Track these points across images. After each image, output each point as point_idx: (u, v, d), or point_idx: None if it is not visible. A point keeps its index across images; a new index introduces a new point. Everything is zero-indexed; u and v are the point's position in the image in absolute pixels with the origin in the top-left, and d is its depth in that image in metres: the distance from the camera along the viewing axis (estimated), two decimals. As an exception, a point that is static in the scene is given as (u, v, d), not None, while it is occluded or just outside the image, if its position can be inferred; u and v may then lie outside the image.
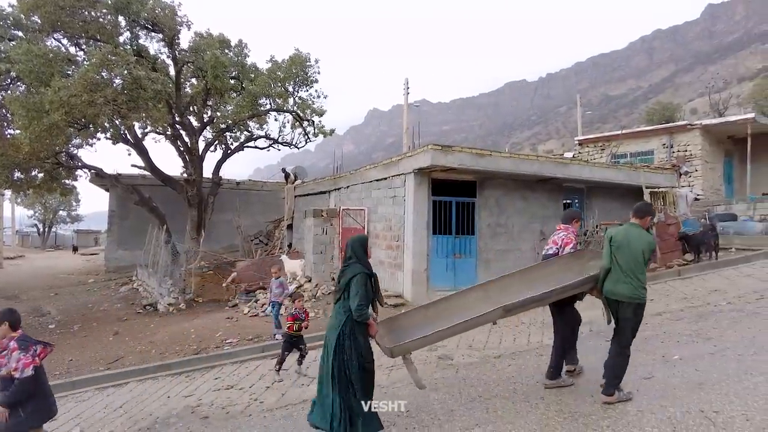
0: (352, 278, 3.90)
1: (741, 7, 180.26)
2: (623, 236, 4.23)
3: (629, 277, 4.12)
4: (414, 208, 10.74)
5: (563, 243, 5.00)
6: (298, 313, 7.15)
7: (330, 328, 3.98)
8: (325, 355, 3.94)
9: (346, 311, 3.89)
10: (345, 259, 4.11)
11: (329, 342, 3.91)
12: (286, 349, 7.10)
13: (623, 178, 12.70)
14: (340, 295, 3.97)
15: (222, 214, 24.02)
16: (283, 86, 23.99)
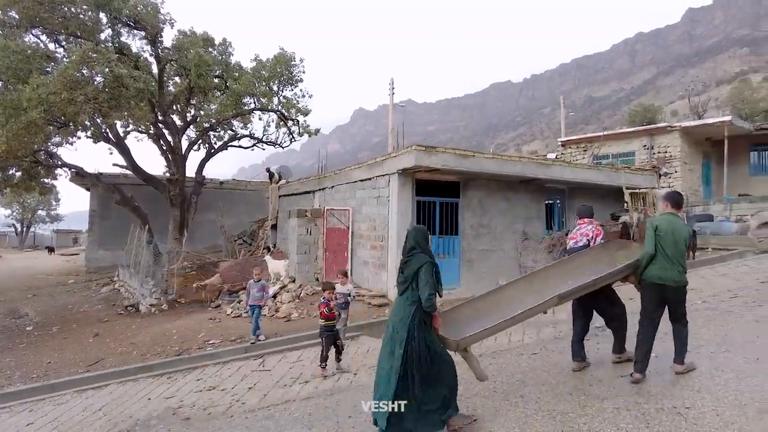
0: (419, 268, 3.84)
1: (720, 12, 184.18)
2: (668, 225, 4.48)
3: (674, 264, 4.43)
4: (398, 209, 10.79)
5: (594, 234, 5.26)
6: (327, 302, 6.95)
7: (396, 321, 3.86)
8: (390, 349, 3.82)
9: (414, 302, 3.82)
10: (407, 250, 4.02)
11: (397, 335, 3.79)
12: (328, 343, 6.82)
13: (604, 178, 12.92)
14: (407, 286, 3.87)
15: (205, 213, 23.81)
16: (268, 85, 23.90)
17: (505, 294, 4.87)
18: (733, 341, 5.37)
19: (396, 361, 3.70)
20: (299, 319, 10.57)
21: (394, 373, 3.67)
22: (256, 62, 22.76)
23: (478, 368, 4.21)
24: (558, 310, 8.40)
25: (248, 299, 9.36)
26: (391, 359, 3.75)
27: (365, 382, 6.02)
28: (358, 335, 8.51)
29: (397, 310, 3.90)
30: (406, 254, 4.01)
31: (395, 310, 3.96)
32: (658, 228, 4.49)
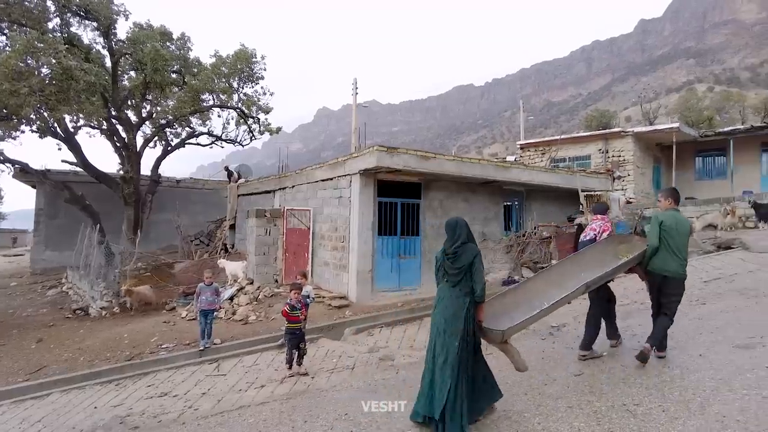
0: (474, 259, 3.89)
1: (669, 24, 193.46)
2: (672, 220, 4.80)
3: (677, 256, 4.74)
4: (359, 209, 10.72)
5: (601, 230, 5.61)
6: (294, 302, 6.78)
7: (449, 314, 3.86)
8: (440, 341, 3.84)
9: (467, 293, 3.85)
10: (454, 241, 4.02)
11: (449, 326, 3.81)
12: (292, 346, 6.67)
13: (560, 181, 13.26)
14: (460, 277, 3.87)
15: (161, 213, 23.04)
16: (228, 82, 23.41)
17: (529, 288, 5.06)
18: (678, 339, 5.57)
19: (452, 352, 3.76)
20: (257, 321, 10.32)
21: (450, 365, 3.74)
22: (216, 58, 22.24)
23: (518, 359, 4.29)
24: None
25: (198, 304, 8.71)
26: (446, 351, 3.79)
27: (323, 386, 5.92)
28: (317, 337, 8.37)
29: (449, 302, 3.91)
30: (452, 246, 4.00)
31: (445, 302, 3.94)
32: (663, 223, 4.79)
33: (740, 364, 4.66)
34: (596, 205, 6.06)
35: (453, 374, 3.70)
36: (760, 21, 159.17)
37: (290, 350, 6.68)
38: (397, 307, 10.18)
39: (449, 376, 3.70)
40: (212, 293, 8.72)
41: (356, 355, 7.09)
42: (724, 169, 21.64)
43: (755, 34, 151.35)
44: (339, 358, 7.14)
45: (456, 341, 3.75)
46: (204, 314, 8.60)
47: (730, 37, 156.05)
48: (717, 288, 7.90)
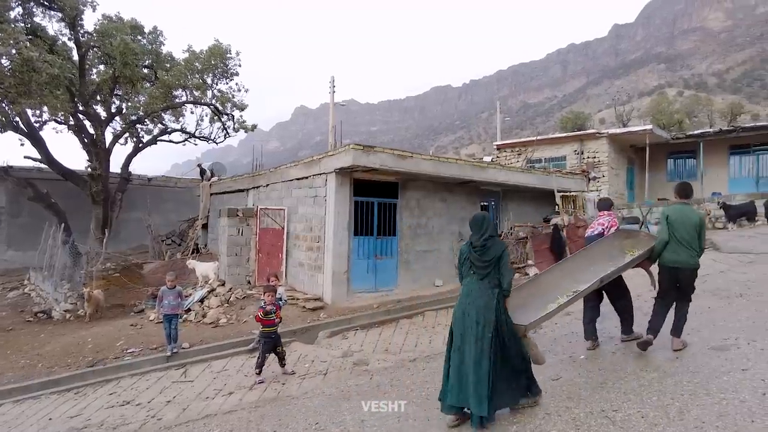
0: (502, 253, 3.99)
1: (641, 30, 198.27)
2: (678, 214, 4.98)
3: (685, 247, 4.90)
4: (335, 209, 10.49)
5: (609, 225, 5.73)
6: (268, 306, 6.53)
7: (480, 305, 3.90)
8: (476, 333, 3.86)
9: (495, 286, 3.94)
10: (481, 234, 4.06)
11: (482, 318, 3.86)
12: (266, 351, 6.49)
13: (536, 182, 13.27)
14: (488, 270, 3.95)
15: (132, 212, 22.37)
16: (202, 78, 22.87)
17: (542, 281, 5.10)
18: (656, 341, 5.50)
19: (486, 344, 3.81)
20: (228, 324, 9.99)
21: (485, 356, 3.79)
22: (189, 53, 21.68)
23: (537, 352, 4.33)
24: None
25: (159, 308, 8.37)
26: (480, 343, 3.83)
27: (294, 393, 5.69)
28: (289, 341, 8.10)
29: (478, 295, 3.95)
30: (480, 239, 4.05)
31: (474, 294, 3.98)
32: (669, 217, 4.99)
33: (716, 367, 4.61)
34: (601, 201, 6.20)
35: (488, 365, 3.77)
36: (726, 29, 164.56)
37: (263, 354, 6.44)
38: (374, 308, 9.98)
39: (486, 366, 3.77)
40: (175, 297, 8.32)
41: (329, 360, 6.88)
42: (694, 171, 22.11)
43: (721, 41, 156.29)
44: (312, 363, 6.91)
45: (490, 332, 3.83)
46: (168, 319, 8.22)
47: (698, 43, 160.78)
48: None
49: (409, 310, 9.48)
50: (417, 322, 8.46)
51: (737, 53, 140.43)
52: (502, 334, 3.90)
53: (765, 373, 4.31)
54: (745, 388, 4.07)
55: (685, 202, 5.18)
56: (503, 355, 3.89)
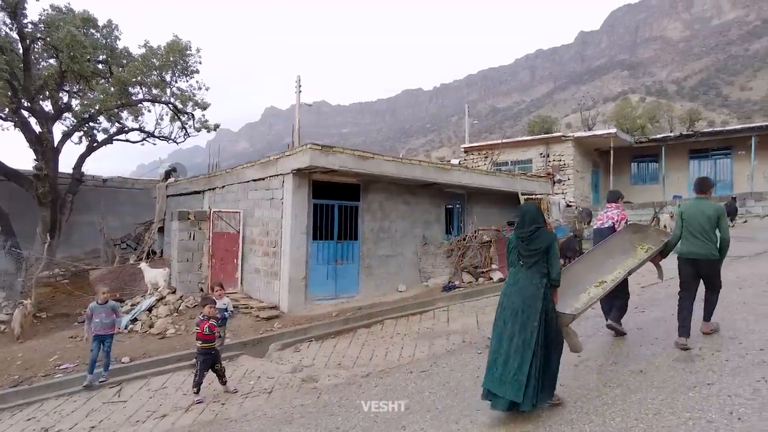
0: (550, 243, 4.00)
1: (606, 37, 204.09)
2: (693, 209, 5.16)
3: (701, 240, 5.05)
4: (292, 212, 9.96)
5: (620, 218, 5.76)
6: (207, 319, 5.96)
7: (527, 295, 3.92)
8: (517, 321, 3.89)
9: (543, 276, 3.95)
10: (527, 224, 4.09)
11: (528, 307, 3.88)
12: (204, 368, 5.88)
13: (501, 184, 13.04)
14: (536, 260, 3.96)
15: (85, 214, 21.19)
16: (160, 75, 21.96)
17: (570, 274, 5.00)
18: (619, 353, 5.24)
19: (529, 334, 3.82)
20: (176, 335, 9.32)
21: (528, 346, 3.80)
22: (147, 49, 20.74)
23: (576, 341, 4.34)
24: (452, 319, 8.11)
25: (89, 327, 7.02)
26: (523, 332, 3.84)
27: (233, 415, 5.17)
28: (237, 354, 7.54)
29: (525, 284, 3.98)
30: (526, 229, 4.07)
31: (520, 283, 4.01)
32: (683, 213, 5.21)
33: (681, 381, 4.33)
34: (610, 192, 6.25)
35: (532, 355, 3.78)
36: (684, 39, 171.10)
37: (201, 373, 5.88)
38: (332, 317, 9.49)
39: (529, 356, 3.78)
40: (108, 314, 7.08)
41: (277, 376, 6.36)
42: (656, 174, 22.49)
43: (680, 50, 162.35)
44: (257, 379, 6.38)
45: (535, 321, 3.83)
46: (99, 340, 6.92)
47: (659, 52, 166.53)
48: (655, 294, 7.77)
49: (369, 318, 9.03)
50: (375, 331, 8.02)
51: (694, 62, 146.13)
52: (547, 324, 3.91)
53: (731, 388, 4.05)
54: (711, 405, 3.79)
55: (702, 196, 5.30)
56: (545, 345, 3.89)
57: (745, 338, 5.22)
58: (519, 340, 3.84)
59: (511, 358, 3.84)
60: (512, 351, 3.85)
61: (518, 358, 3.80)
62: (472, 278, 11.28)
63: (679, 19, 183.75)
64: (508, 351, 3.88)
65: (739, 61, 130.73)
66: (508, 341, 3.91)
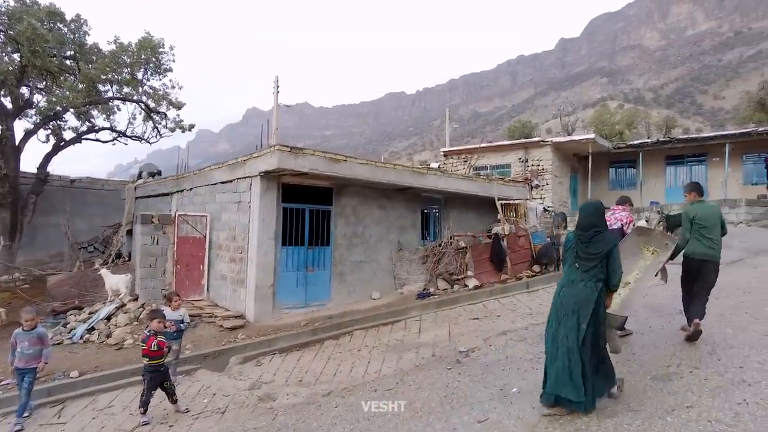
0: (612, 249, 3.94)
1: (585, 44, 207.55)
2: (703, 211, 5.34)
3: (714, 241, 5.26)
4: (260, 216, 9.51)
5: (628, 219, 5.92)
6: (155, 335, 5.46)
7: (581, 295, 3.91)
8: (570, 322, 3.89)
9: (600, 280, 3.92)
10: (589, 226, 4.03)
11: (582, 309, 3.87)
12: (152, 387, 5.38)
13: (478, 189, 12.77)
14: (595, 263, 3.93)
15: (51, 216, 20.37)
16: (132, 73, 21.29)
17: None
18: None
19: (581, 335, 3.83)
20: (134, 346, 8.75)
21: (581, 346, 3.82)
22: (117, 45, 20.06)
23: (616, 342, 4.45)
24: (424, 330, 7.77)
25: (13, 358, 5.81)
26: (575, 333, 3.85)
27: None
28: (195, 369, 7.07)
29: (582, 285, 3.95)
30: (585, 231, 4.04)
31: (576, 285, 3.98)
32: (694, 217, 5.31)
33: (660, 403, 4.05)
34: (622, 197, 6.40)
35: (584, 355, 3.80)
36: (660, 48, 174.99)
37: (148, 392, 5.40)
38: (301, 327, 9.06)
39: (580, 355, 3.80)
40: (33, 342, 5.80)
41: (233, 393, 5.92)
42: (634, 180, 22.58)
43: (657, 59, 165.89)
44: (212, 397, 5.92)
45: (585, 323, 3.83)
46: (21, 374, 5.76)
47: (637, 60, 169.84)
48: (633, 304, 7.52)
49: (338, 329, 8.62)
50: (343, 343, 7.62)
51: (670, 71, 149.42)
52: (597, 327, 3.91)
53: (711, 412, 3.78)
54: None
55: (701, 199, 5.55)
56: (594, 345, 3.90)
57: (723, 354, 5.00)
58: (572, 341, 3.86)
59: (565, 358, 3.86)
60: (566, 351, 3.87)
61: (572, 358, 3.83)
62: (448, 285, 10.97)
63: (656, 28, 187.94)
64: (562, 351, 3.90)
65: (712, 71, 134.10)
66: (562, 343, 3.93)
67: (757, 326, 5.73)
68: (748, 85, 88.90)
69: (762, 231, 14.92)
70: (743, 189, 19.68)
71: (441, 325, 7.81)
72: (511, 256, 11.50)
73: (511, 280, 11.14)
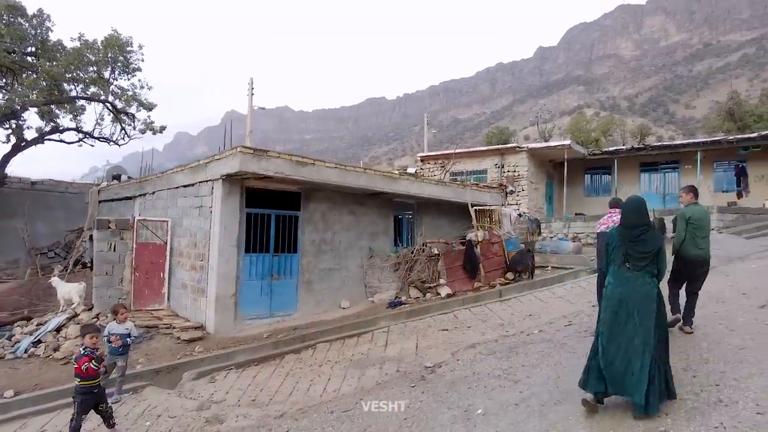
0: (661, 245, 3.98)
1: (563, 53, 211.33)
2: (699, 213, 5.49)
3: (705, 241, 5.43)
4: (221, 221, 9.03)
5: None
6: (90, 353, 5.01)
7: (639, 294, 3.86)
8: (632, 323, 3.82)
9: (653, 276, 3.90)
10: (633, 226, 4.00)
11: (643, 308, 3.82)
12: (83, 410, 4.90)
13: (451, 195, 12.49)
14: (647, 261, 3.90)
15: (11, 219, 19.47)
16: (98, 71, 20.57)
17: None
18: (565, 388, 4.61)
19: (647, 335, 3.76)
20: (84, 361, 8.18)
21: (648, 346, 3.74)
22: (81, 43, 19.33)
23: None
24: (391, 343, 7.40)
25: None
26: (641, 332, 3.78)
27: None
28: (143, 385, 6.54)
29: (636, 284, 3.90)
30: (632, 229, 4.00)
31: (631, 284, 3.92)
32: (691, 218, 5.42)
33: (631, 427, 3.74)
34: (613, 199, 6.47)
35: (651, 357, 3.71)
36: (635, 58, 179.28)
37: (79, 416, 4.90)
38: (263, 339, 8.60)
39: (648, 358, 3.70)
40: None
41: (179, 415, 5.44)
42: (609, 186, 22.64)
43: (631, 68, 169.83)
44: (157, 419, 5.44)
45: (650, 321, 3.79)
46: None
47: (612, 69, 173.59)
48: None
49: (302, 341, 8.20)
50: (305, 358, 7.19)
51: (645, 80, 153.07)
52: (659, 324, 3.88)
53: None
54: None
55: (696, 201, 5.71)
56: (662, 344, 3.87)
57: (699, 369, 4.72)
58: (638, 342, 3.76)
59: (631, 359, 3.75)
60: (632, 352, 3.76)
61: (640, 358, 3.72)
62: (420, 293, 10.63)
63: (631, 39, 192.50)
64: (627, 352, 3.78)
65: (684, 81, 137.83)
66: (626, 343, 3.81)
67: (732, 339, 5.50)
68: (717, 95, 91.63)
69: (733, 238, 14.97)
70: (714, 196, 19.87)
71: (409, 337, 7.45)
72: (485, 264, 11.22)
73: (485, 288, 10.86)
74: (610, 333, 3.93)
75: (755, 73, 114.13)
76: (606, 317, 3.99)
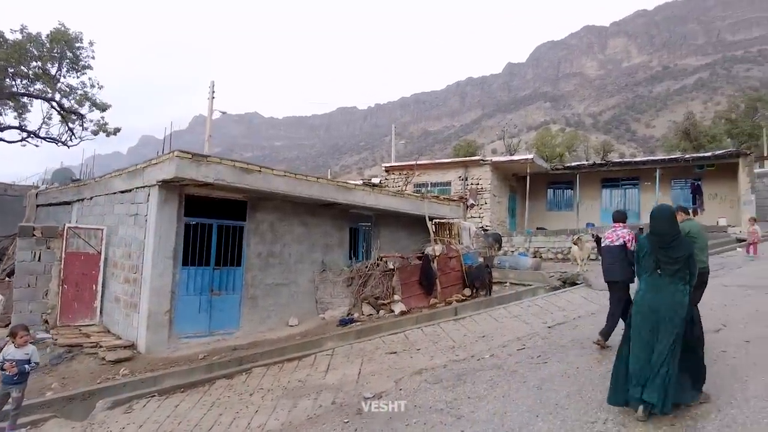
0: (691, 251, 4.05)
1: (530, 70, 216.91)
2: (697, 229, 5.43)
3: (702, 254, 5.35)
4: (156, 231, 8.32)
5: (630, 237, 5.86)
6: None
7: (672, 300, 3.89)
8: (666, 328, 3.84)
9: (685, 283, 3.94)
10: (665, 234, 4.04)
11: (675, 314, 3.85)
12: None
13: (409, 207, 12.07)
14: (678, 267, 3.94)
15: (-58, 223, 17.96)
16: (43, 67, 19.46)
17: None
18: (511, 427, 4.17)
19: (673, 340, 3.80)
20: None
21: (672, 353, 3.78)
22: (23, 35, 18.22)
23: None
24: (333, 368, 6.83)
25: None
26: (672, 338, 3.81)
27: None
28: (45, 419, 5.75)
29: (669, 290, 3.94)
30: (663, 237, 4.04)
31: (663, 291, 3.96)
32: (690, 233, 5.19)
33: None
34: (617, 212, 6.35)
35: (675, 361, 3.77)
36: (599, 77, 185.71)
37: None
38: (197, 360, 7.90)
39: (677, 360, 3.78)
40: None
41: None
42: (571, 201, 22.78)
43: (596, 87, 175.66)
44: (49, 461, 4.71)
45: (679, 328, 3.83)
46: None
47: (578, 87, 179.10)
48: (560, 337, 6.91)
49: (238, 364, 7.54)
50: (236, 384, 6.54)
51: (608, 98, 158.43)
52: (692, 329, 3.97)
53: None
54: None
55: (689, 217, 5.81)
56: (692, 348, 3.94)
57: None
58: (670, 347, 3.82)
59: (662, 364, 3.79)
60: (663, 358, 3.81)
61: (670, 363, 3.78)
62: (373, 310, 10.11)
63: (596, 58, 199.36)
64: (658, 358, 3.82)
65: (644, 101, 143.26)
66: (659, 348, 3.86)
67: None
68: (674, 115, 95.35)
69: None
70: (672, 213, 20.23)
71: (354, 361, 6.90)
72: (442, 279, 10.81)
73: (441, 304, 10.44)
74: (642, 340, 3.99)
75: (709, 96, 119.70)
76: (635, 322, 4.08)
